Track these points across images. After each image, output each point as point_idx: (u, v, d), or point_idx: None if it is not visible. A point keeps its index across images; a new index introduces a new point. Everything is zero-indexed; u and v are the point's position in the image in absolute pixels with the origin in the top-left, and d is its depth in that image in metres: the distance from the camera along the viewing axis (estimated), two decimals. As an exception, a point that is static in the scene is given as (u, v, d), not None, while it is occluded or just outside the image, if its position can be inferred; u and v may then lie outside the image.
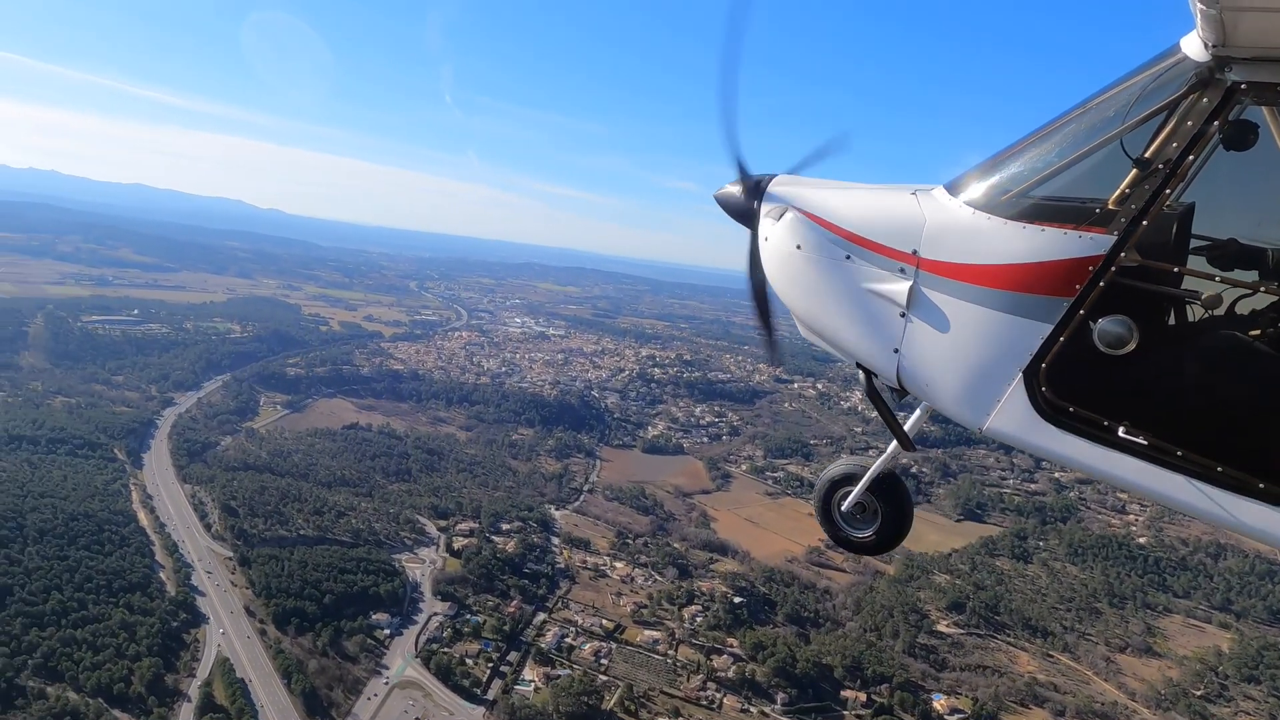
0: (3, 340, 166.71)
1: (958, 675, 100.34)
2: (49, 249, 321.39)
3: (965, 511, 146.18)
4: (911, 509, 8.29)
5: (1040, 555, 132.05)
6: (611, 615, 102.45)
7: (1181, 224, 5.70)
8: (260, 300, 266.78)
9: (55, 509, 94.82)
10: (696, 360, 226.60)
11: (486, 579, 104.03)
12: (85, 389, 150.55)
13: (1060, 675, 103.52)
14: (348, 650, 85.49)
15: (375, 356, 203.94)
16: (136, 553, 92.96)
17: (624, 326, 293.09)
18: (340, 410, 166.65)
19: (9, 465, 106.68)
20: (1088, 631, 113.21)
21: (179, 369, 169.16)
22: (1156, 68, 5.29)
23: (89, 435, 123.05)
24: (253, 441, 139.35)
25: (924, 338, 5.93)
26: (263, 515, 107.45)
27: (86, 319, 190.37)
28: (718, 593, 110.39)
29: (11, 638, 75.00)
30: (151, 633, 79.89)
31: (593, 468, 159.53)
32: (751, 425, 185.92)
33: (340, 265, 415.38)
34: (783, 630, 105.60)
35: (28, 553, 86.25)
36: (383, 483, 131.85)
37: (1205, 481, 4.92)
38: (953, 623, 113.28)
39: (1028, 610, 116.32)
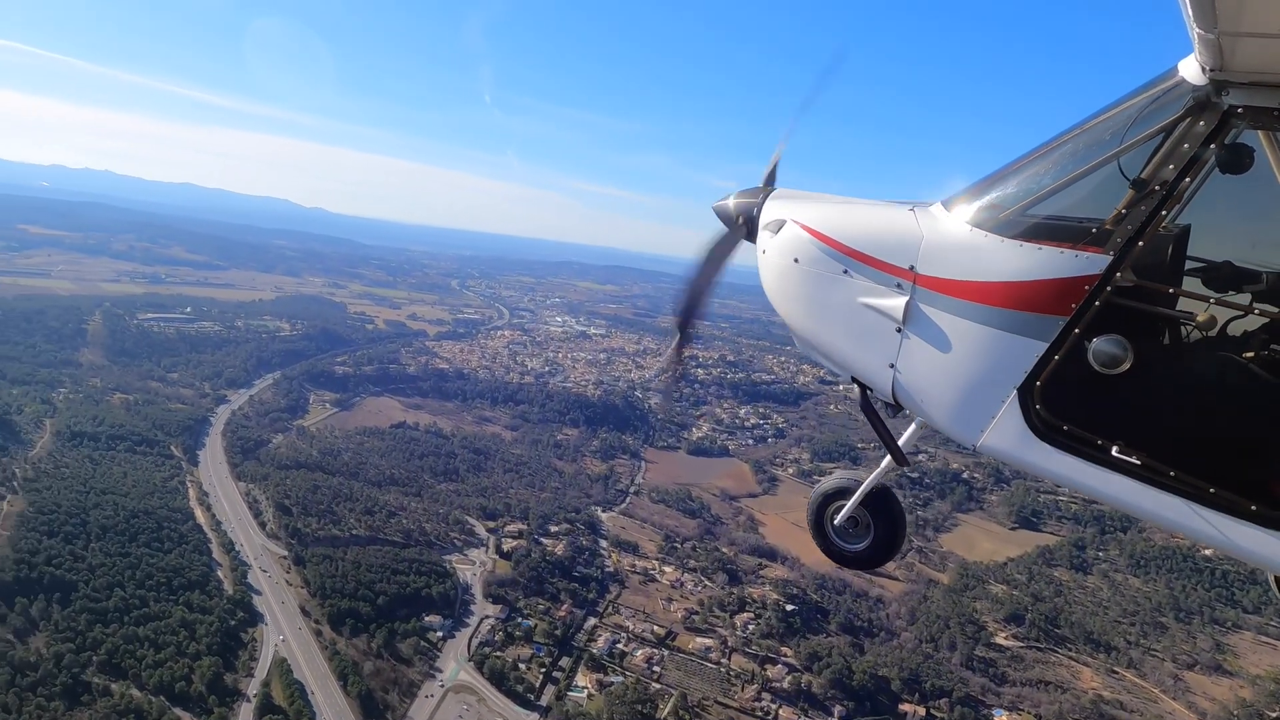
0: (64, 337, 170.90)
1: (1019, 690, 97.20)
2: (105, 247, 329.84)
3: (1020, 519, 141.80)
4: (904, 524, 8.28)
5: (1100, 566, 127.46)
6: (662, 621, 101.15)
7: (1177, 245, 5.71)
8: (308, 299, 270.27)
9: (117, 506, 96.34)
10: (739, 361, 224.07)
11: (536, 582, 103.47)
12: (142, 386, 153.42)
13: (1126, 693, 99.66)
14: (402, 652, 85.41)
15: (421, 355, 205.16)
16: (195, 550, 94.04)
17: (664, 326, 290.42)
18: (388, 409, 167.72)
19: (72, 461, 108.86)
20: (1153, 647, 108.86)
21: (231, 366, 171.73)
22: (1154, 90, 5.29)
23: (147, 432, 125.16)
24: (304, 440, 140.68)
25: (920, 353, 5.95)
26: (316, 514, 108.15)
27: (142, 316, 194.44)
28: (769, 600, 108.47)
29: (77, 633, 76.14)
30: (211, 631, 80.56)
31: (638, 469, 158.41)
32: (797, 428, 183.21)
33: (384, 264, 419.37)
34: (836, 640, 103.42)
35: (91, 549, 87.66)
36: (431, 482, 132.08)
37: (1198, 502, 4.88)
38: (1011, 635, 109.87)
39: (1089, 623, 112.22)
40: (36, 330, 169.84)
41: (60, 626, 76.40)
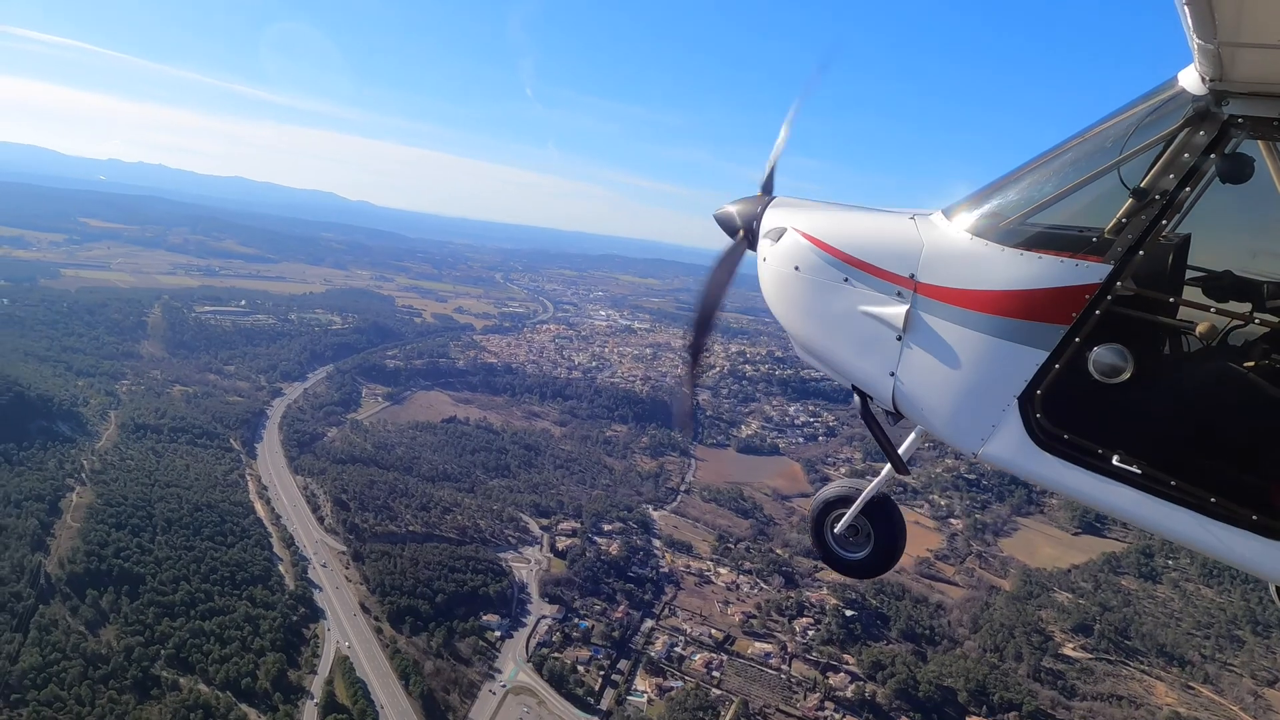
0: (125, 329, 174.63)
1: (1090, 705, 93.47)
2: (161, 240, 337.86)
3: (1083, 524, 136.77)
4: (904, 533, 8.20)
5: (1170, 575, 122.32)
6: (720, 625, 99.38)
7: (1177, 255, 5.64)
8: (356, 292, 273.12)
9: (181, 499, 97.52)
10: (788, 357, 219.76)
11: (592, 582, 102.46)
12: (200, 378, 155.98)
13: (1203, 710, 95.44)
14: (461, 652, 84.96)
15: (469, 349, 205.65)
16: (256, 545, 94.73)
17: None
18: (438, 403, 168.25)
19: (137, 453, 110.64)
20: (1230, 662, 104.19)
21: (285, 360, 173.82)
22: (1154, 100, 5.27)
23: (207, 425, 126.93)
24: (357, 433, 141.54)
25: (920, 362, 5.90)
26: (372, 510, 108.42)
27: (200, 309, 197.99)
28: (828, 605, 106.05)
29: (145, 626, 76.99)
30: (274, 627, 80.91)
31: (688, 467, 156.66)
32: (848, 426, 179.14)
33: (428, 257, 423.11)
34: (898, 647, 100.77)
35: (157, 542, 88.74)
36: (483, 478, 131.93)
37: (1198, 512, 4.86)
38: (1080, 646, 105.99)
39: (1161, 635, 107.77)
40: (100, 322, 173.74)
41: (129, 619, 77.35)
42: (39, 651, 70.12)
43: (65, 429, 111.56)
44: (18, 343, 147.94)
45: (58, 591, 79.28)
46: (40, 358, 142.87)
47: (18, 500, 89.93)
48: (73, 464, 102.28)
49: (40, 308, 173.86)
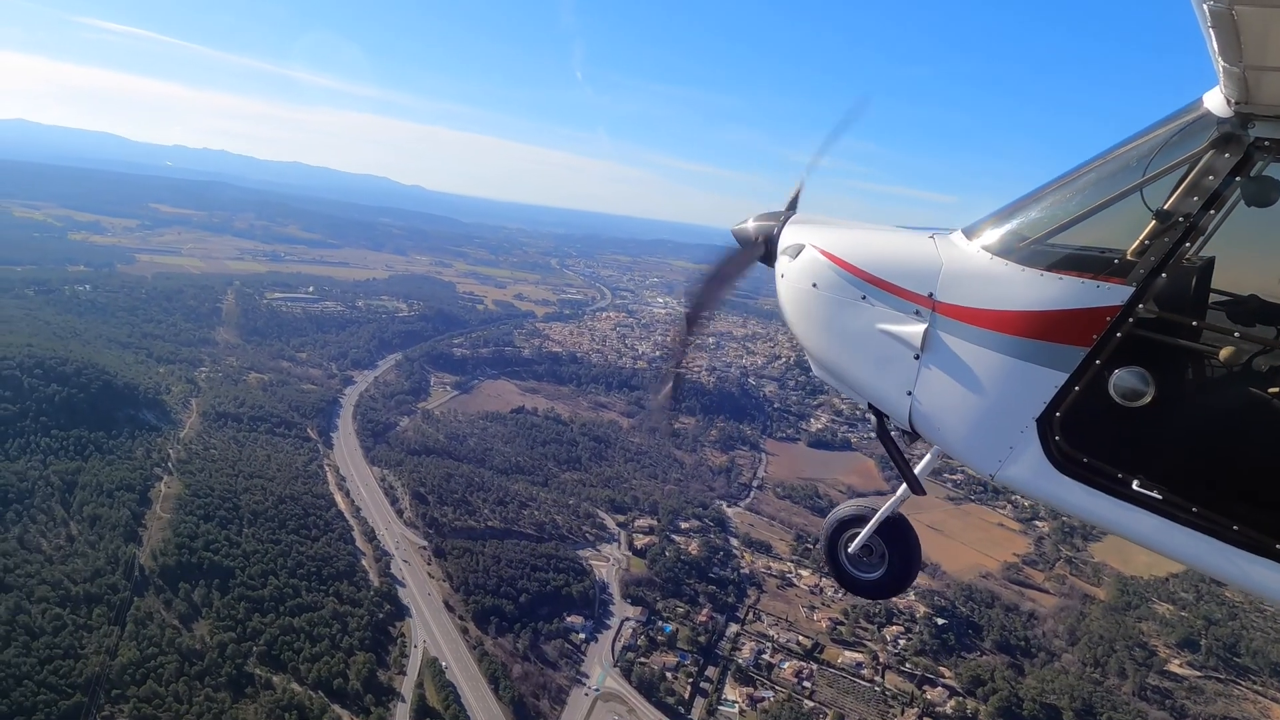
0: (201, 315, 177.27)
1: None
2: (228, 225, 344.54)
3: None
4: (919, 553, 8.08)
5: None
6: (807, 631, 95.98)
7: (1201, 278, 5.54)
8: (418, 278, 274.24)
9: (265, 490, 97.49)
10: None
11: (674, 583, 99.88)
12: (274, 365, 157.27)
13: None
14: (547, 655, 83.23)
15: (533, 338, 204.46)
16: (339, 539, 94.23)
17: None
18: (505, 392, 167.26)
19: (219, 443, 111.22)
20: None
21: (355, 347, 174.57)
22: (1179, 121, 5.19)
23: (284, 414, 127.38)
24: (429, 423, 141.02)
25: (937, 381, 5.83)
26: (451, 504, 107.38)
27: (270, 296, 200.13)
28: (918, 613, 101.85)
29: (236, 622, 76.69)
30: (361, 625, 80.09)
31: (759, 461, 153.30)
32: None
33: (485, 242, 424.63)
34: (993, 659, 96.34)
35: (244, 535, 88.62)
36: (555, 471, 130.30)
37: (1220, 540, 4.75)
38: (1186, 662, 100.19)
39: (1273, 652, 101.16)
40: (176, 308, 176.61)
41: (221, 615, 77.13)
42: (136, 646, 70.15)
43: (150, 417, 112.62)
44: (101, 329, 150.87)
45: (151, 584, 79.48)
46: (122, 344, 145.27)
47: (109, 490, 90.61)
48: (159, 453, 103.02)
49: (120, 294, 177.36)
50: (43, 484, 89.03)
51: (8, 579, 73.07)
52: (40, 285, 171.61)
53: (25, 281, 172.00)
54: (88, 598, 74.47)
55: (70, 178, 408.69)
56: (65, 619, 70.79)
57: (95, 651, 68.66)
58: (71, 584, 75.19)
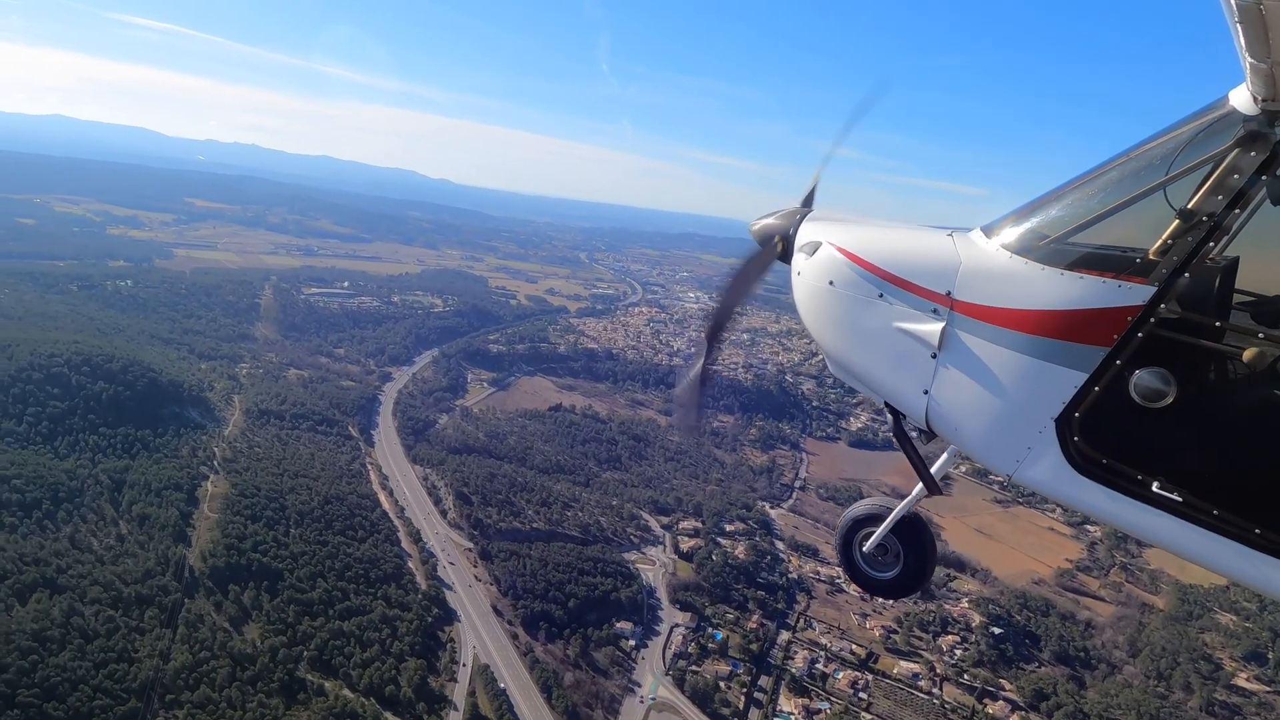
0: (240, 311, 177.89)
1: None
2: (261, 220, 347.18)
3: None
4: (935, 553, 8.04)
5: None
6: (860, 639, 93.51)
7: (1225, 278, 5.48)
8: (451, 273, 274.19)
9: (310, 490, 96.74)
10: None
11: (722, 588, 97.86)
12: (312, 361, 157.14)
13: None
14: (598, 662, 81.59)
15: (568, 334, 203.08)
16: (385, 540, 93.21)
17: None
18: (542, 389, 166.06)
19: (263, 441, 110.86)
20: None
21: (392, 343, 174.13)
22: (1203, 119, 5.11)
23: (325, 411, 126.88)
24: (468, 421, 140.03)
25: (955, 380, 5.77)
26: (495, 504, 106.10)
27: (307, 291, 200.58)
28: (973, 622, 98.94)
29: (286, 625, 75.81)
30: (411, 630, 78.92)
31: (800, 461, 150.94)
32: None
33: (513, 236, 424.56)
34: (1052, 670, 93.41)
35: (292, 535, 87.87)
36: (596, 471, 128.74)
37: (1241, 543, 4.67)
38: (1254, 676, 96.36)
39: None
40: (215, 304, 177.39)
41: (271, 618, 76.29)
42: (189, 650, 69.42)
43: (195, 415, 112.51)
44: (143, 325, 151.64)
45: (201, 586, 78.87)
46: (164, 340, 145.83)
47: (158, 489, 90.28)
48: (205, 451, 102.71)
49: (160, 289, 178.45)
50: (92, 482, 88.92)
51: (61, 579, 72.73)
52: (83, 281, 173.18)
53: (69, 277, 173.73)
54: (139, 599, 73.94)
55: (108, 172, 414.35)
56: (118, 621, 70.28)
57: (148, 655, 67.97)
58: (123, 585, 74.72)
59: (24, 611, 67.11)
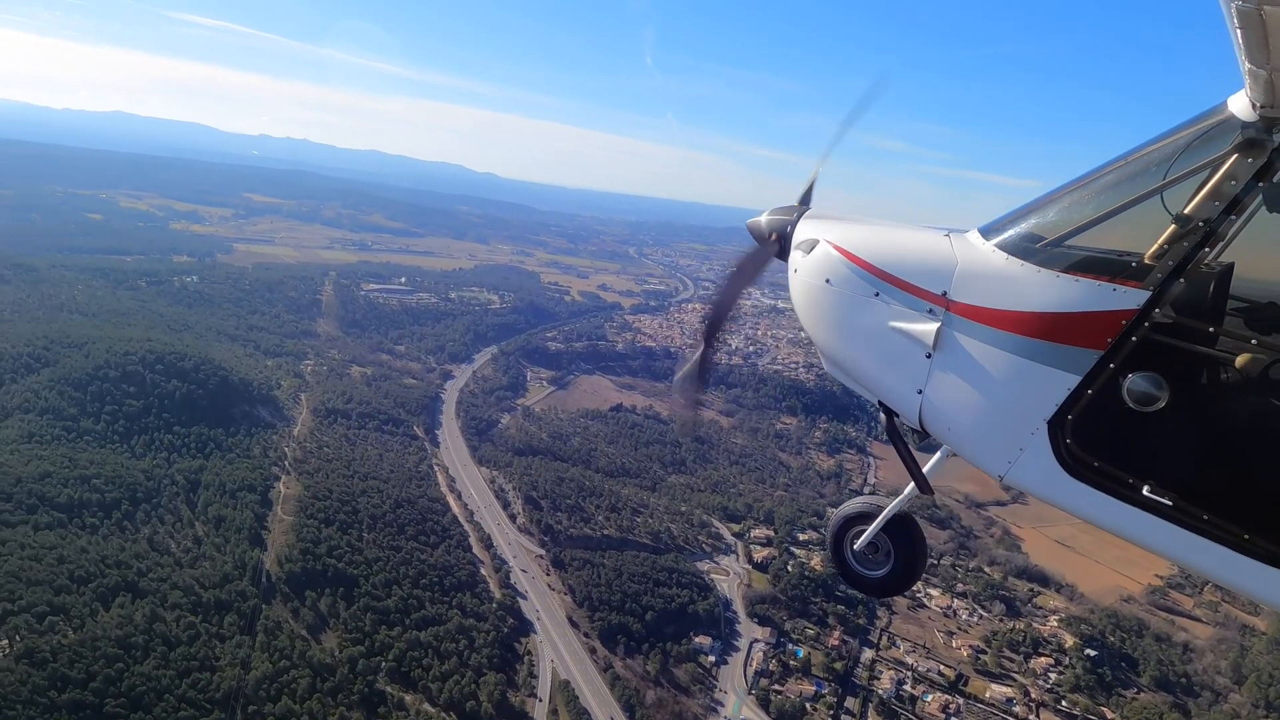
0: (302, 307, 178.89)
1: None
2: (316, 214, 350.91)
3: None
4: (925, 553, 8.11)
5: None
6: (947, 659, 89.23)
7: (1220, 284, 5.50)
8: (504, 269, 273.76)
9: (381, 493, 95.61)
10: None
11: (800, 601, 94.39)
12: (374, 358, 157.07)
13: None
14: (678, 679, 78.79)
15: (624, 331, 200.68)
16: (457, 546, 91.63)
17: None
18: (601, 389, 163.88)
19: (331, 440, 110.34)
20: None
21: (451, 340, 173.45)
22: (1201, 125, 5.13)
23: (390, 411, 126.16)
24: (530, 421, 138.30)
25: (949, 380, 5.79)
26: (564, 510, 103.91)
27: (366, 287, 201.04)
28: (1066, 643, 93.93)
29: (364, 635, 74.40)
30: (488, 641, 76.96)
31: (868, 466, 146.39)
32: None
33: (561, 230, 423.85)
34: (1153, 697, 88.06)
35: (365, 540, 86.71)
36: (661, 474, 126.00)
37: (1231, 549, 4.68)
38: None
39: None
40: (278, 299, 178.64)
41: (349, 626, 75.02)
42: (269, 659, 68.30)
43: (265, 414, 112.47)
44: (210, 321, 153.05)
45: (278, 591, 77.99)
46: (231, 336, 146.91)
47: (232, 490, 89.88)
48: (276, 451, 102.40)
49: (225, 285, 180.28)
50: (168, 483, 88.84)
51: (142, 583, 72.25)
52: (151, 277, 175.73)
53: (137, 273, 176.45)
54: (218, 604, 73.16)
55: (168, 168, 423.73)
56: (199, 627, 69.46)
57: (229, 663, 67.03)
58: (201, 589, 74.05)
59: (108, 617, 66.63)
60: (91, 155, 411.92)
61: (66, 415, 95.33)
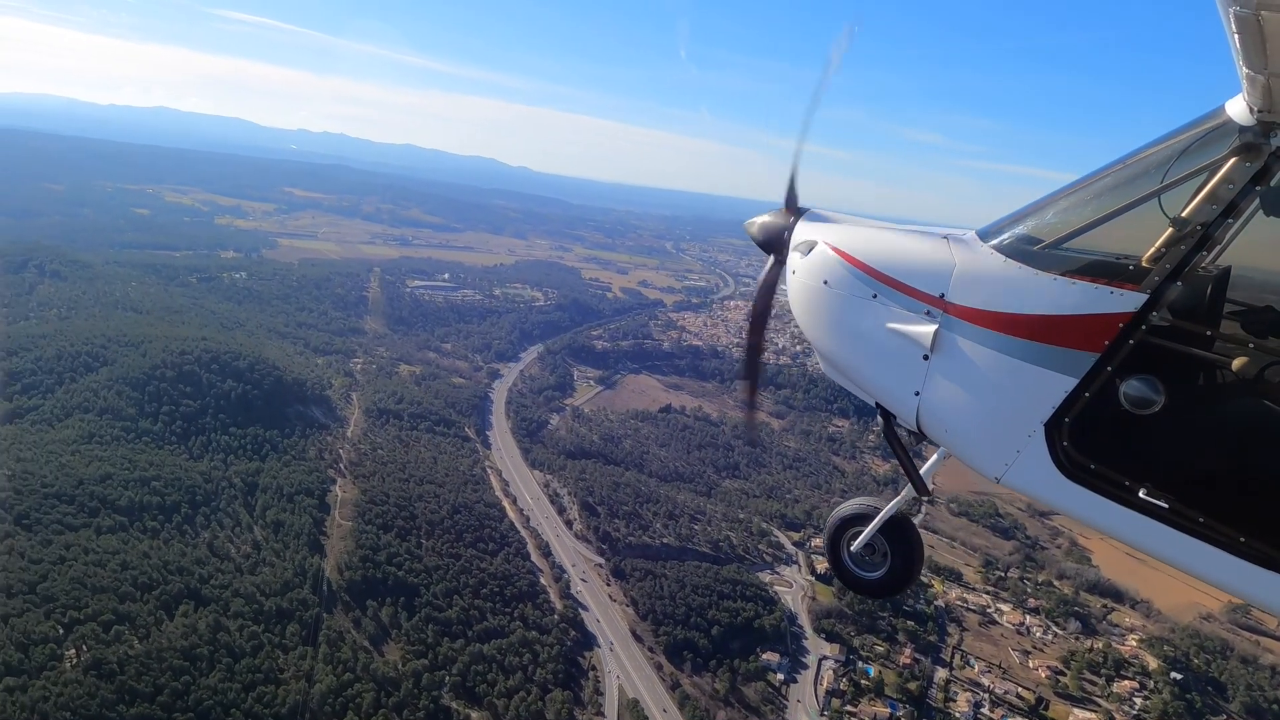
0: (349, 304, 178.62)
1: None
2: (356, 209, 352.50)
3: None
4: (922, 555, 8.07)
5: None
6: (1024, 680, 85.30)
7: (1216, 287, 5.45)
8: (544, 264, 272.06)
9: (438, 499, 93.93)
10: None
11: (867, 615, 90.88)
12: (421, 356, 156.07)
13: None
14: (748, 698, 75.95)
15: (669, 330, 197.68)
16: (516, 554, 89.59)
17: None
18: (649, 389, 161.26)
19: (384, 442, 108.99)
20: None
21: (497, 338, 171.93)
22: (1199, 129, 5.13)
23: (441, 411, 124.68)
24: (580, 422, 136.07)
25: (946, 383, 5.79)
26: (622, 516, 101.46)
27: (412, 284, 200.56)
28: (1148, 665, 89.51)
29: (427, 647, 72.66)
30: (552, 656, 74.79)
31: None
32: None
33: (598, 225, 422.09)
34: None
35: (424, 548, 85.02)
36: (716, 479, 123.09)
37: (1227, 551, 4.67)
38: None
39: None
40: (325, 296, 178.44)
41: (411, 638, 73.33)
42: (332, 672, 66.77)
43: (319, 414, 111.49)
44: (260, 319, 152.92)
45: (339, 600, 76.58)
46: (280, 334, 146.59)
47: (289, 494, 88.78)
48: (331, 454, 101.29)
49: (273, 281, 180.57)
50: (226, 485, 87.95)
51: (204, 590, 71.18)
52: (201, 273, 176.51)
53: (187, 269, 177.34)
54: (280, 613, 71.80)
55: (211, 162, 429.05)
56: (262, 638, 68.12)
57: (294, 676, 65.62)
58: (263, 597, 72.75)
59: (173, 627, 65.50)
60: (137, 150, 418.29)
61: (125, 415, 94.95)
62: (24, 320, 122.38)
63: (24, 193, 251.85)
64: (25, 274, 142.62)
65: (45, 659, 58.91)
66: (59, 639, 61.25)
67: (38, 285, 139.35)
